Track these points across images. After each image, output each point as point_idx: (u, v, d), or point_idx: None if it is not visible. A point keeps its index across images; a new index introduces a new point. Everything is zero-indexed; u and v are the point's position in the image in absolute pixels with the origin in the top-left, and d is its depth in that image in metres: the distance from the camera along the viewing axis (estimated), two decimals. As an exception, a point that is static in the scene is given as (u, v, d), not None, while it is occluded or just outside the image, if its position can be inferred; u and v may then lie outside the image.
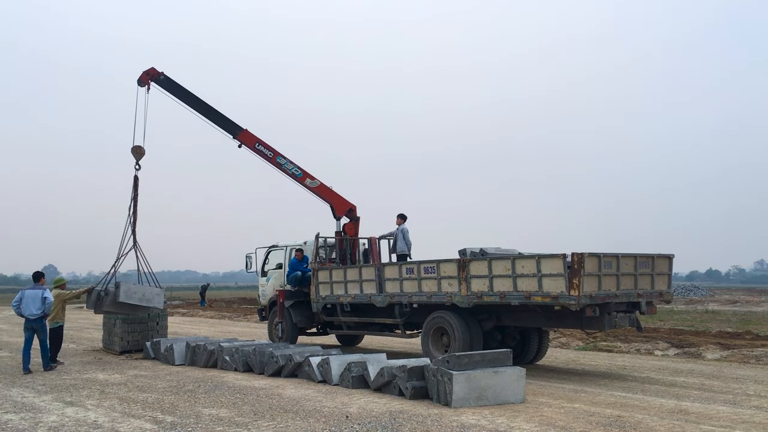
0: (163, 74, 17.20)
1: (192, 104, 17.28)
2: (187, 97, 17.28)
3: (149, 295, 15.22)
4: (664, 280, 11.53)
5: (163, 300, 15.79)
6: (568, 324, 11.66)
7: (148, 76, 17.15)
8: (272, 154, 16.93)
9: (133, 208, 16.31)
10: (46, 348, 12.89)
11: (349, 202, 16.63)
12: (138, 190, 16.47)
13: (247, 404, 8.78)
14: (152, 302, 15.29)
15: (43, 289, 12.95)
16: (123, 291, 14.65)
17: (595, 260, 10.12)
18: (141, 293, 15.07)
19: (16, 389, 10.38)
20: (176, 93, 17.29)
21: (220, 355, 12.64)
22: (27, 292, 12.82)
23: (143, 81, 17.13)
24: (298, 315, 15.63)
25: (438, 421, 7.56)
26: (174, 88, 17.28)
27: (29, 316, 12.63)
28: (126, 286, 14.95)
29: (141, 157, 16.67)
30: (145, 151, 16.69)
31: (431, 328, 12.35)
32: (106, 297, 14.84)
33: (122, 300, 14.59)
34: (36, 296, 12.71)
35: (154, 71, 17.20)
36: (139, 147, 16.65)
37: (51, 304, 12.97)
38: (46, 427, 7.61)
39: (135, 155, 16.66)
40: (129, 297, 14.73)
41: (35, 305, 12.65)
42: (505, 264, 10.85)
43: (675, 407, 8.56)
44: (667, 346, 15.32)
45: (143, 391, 10.06)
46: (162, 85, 17.22)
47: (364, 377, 9.98)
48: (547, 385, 10.29)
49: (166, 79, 17.23)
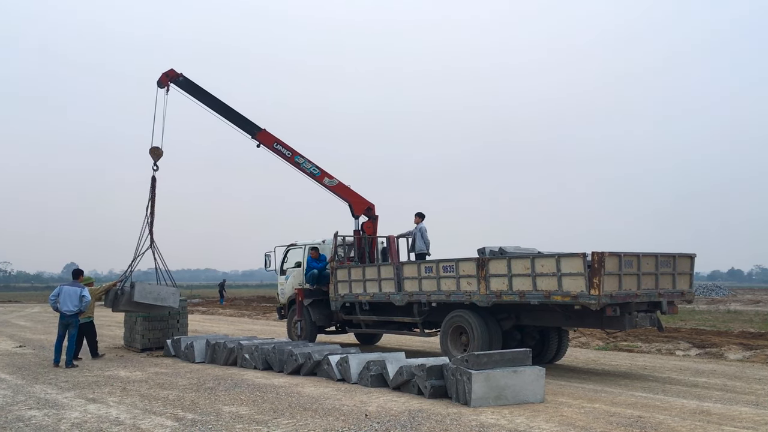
0: (182, 75, 17.30)
1: (211, 105, 17.37)
2: (206, 98, 17.37)
3: (164, 295, 15.36)
4: (686, 280, 11.42)
5: (178, 299, 15.89)
6: (588, 323, 11.58)
7: (168, 77, 17.25)
8: (290, 153, 16.98)
9: (150, 207, 16.47)
10: (74, 344, 13.17)
11: (367, 200, 16.64)
12: (155, 190, 16.65)
13: (267, 402, 8.83)
14: (167, 302, 15.42)
15: (81, 287, 13.32)
16: (138, 291, 14.85)
17: (616, 259, 10.05)
18: (156, 293, 15.24)
19: (39, 386, 10.51)
20: (195, 94, 17.38)
21: (239, 353, 12.72)
22: (65, 288, 13.16)
23: (162, 82, 17.23)
24: (317, 313, 15.68)
25: (457, 420, 7.55)
26: (193, 89, 17.38)
27: (66, 312, 13.01)
28: (141, 285, 15.15)
29: (159, 158, 16.84)
30: (163, 152, 16.86)
31: (450, 327, 12.33)
32: (122, 296, 15.05)
33: (137, 300, 14.79)
34: (74, 293, 13.08)
35: (174, 72, 17.30)
36: (156, 148, 16.81)
37: (88, 303, 13.34)
38: (69, 423, 7.70)
39: (153, 156, 16.83)
40: (144, 297, 14.91)
41: (72, 302, 13.02)
42: (524, 263, 10.81)
43: (697, 408, 8.47)
44: (688, 347, 15.17)
45: (164, 388, 10.14)
46: (181, 86, 17.32)
47: (383, 376, 9.99)
48: (566, 385, 10.24)
49: (186, 81, 17.32)
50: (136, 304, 14.96)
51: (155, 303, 15.17)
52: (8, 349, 16.34)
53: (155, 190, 16.63)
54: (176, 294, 15.75)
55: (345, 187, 16.70)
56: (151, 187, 16.62)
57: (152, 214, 16.44)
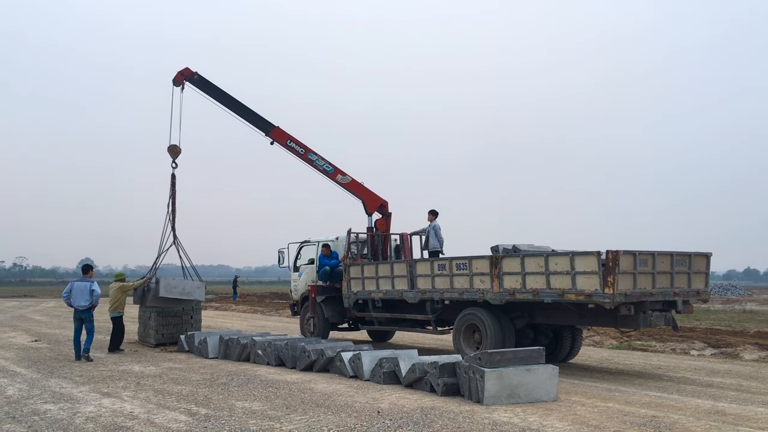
0: (197, 74, 17.47)
1: (225, 102, 17.52)
2: (221, 96, 17.53)
3: (189, 289, 15.64)
4: (701, 279, 11.33)
5: (203, 293, 16.25)
6: (602, 322, 11.51)
7: (183, 76, 17.45)
8: (304, 150, 17.02)
9: (171, 205, 16.71)
10: (92, 337, 13.53)
11: (380, 197, 16.64)
12: (176, 187, 16.89)
13: (280, 398, 8.85)
14: (193, 295, 15.72)
15: (91, 281, 13.58)
16: (163, 286, 15.14)
17: (630, 258, 9.98)
18: (181, 287, 15.51)
19: (54, 380, 10.60)
20: (210, 92, 17.54)
21: (252, 349, 12.76)
22: (76, 284, 13.48)
23: (178, 81, 17.44)
24: (329, 310, 15.71)
25: (470, 418, 7.54)
26: (208, 87, 17.53)
27: (78, 307, 13.35)
28: (165, 281, 15.40)
29: (177, 156, 17.07)
30: (181, 150, 17.08)
31: (463, 324, 12.30)
32: (148, 292, 15.38)
33: (162, 295, 15.08)
34: (85, 288, 13.38)
35: (189, 71, 17.47)
36: (174, 146, 17.04)
37: (98, 297, 13.55)
38: (84, 417, 7.76)
39: (171, 154, 17.05)
40: (169, 291, 15.20)
41: (84, 297, 13.32)
42: (538, 261, 10.76)
43: (711, 408, 8.41)
44: (703, 346, 15.06)
45: (178, 383, 10.20)
46: (196, 84, 17.51)
47: (395, 373, 9.99)
48: (580, 384, 10.19)
49: (200, 79, 17.51)
50: (163, 300, 15.26)
51: (181, 297, 15.45)
52: (24, 343, 16.49)
53: (175, 187, 16.90)
54: (201, 288, 16.05)
55: (358, 184, 16.70)
56: (171, 185, 16.92)
57: (173, 211, 16.73)
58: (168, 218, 16.64)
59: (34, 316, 28.06)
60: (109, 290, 15.24)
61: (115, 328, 14.70)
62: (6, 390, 9.59)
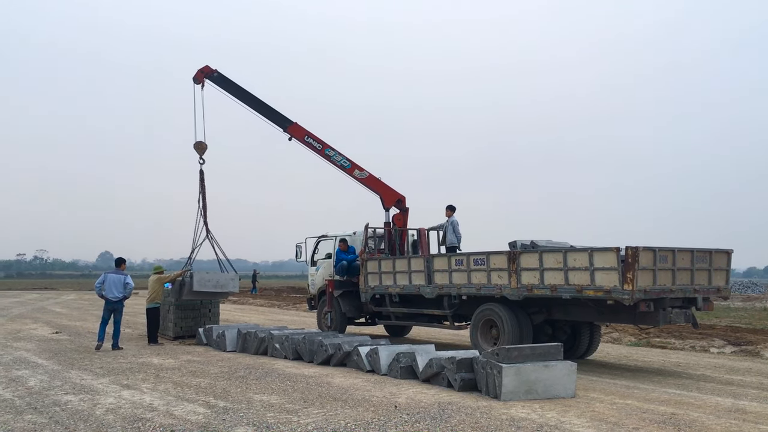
0: (216, 71, 17.67)
1: (244, 99, 17.67)
2: (240, 93, 17.70)
3: (223, 281, 15.85)
4: (722, 276, 11.22)
5: (237, 285, 16.44)
6: (620, 319, 11.44)
7: (203, 73, 17.67)
8: (321, 146, 17.08)
9: (202, 200, 16.96)
10: (119, 329, 13.96)
11: (398, 192, 16.63)
12: (205, 182, 17.18)
13: (297, 392, 8.89)
14: (227, 287, 15.93)
15: (125, 275, 14.05)
16: (196, 280, 15.38)
17: (650, 254, 9.90)
18: (215, 280, 15.72)
19: (75, 371, 10.72)
20: (229, 89, 17.69)
21: (270, 342, 12.82)
22: (110, 276, 13.89)
23: (198, 78, 17.66)
24: (347, 305, 15.75)
25: (487, 413, 7.53)
26: (227, 84, 17.68)
27: (111, 298, 13.76)
28: (199, 275, 15.66)
29: (203, 152, 17.37)
30: (207, 146, 17.34)
31: (480, 320, 12.27)
32: (184, 287, 15.62)
33: (196, 289, 15.31)
34: (119, 281, 13.83)
35: (208, 69, 17.66)
36: (200, 142, 17.33)
37: (132, 289, 14.06)
38: (104, 408, 7.84)
39: (197, 150, 17.33)
40: (203, 285, 15.44)
41: (117, 288, 13.77)
42: (556, 257, 10.71)
43: (732, 406, 8.33)
44: (723, 344, 14.91)
45: (196, 376, 10.28)
46: (216, 81, 17.71)
47: (412, 368, 9.99)
48: (598, 381, 10.14)
49: (220, 76, 17.70)
50: (198, 293, 15.49)
51: (215, 290, 15.65)
52: (45, 335, 16.70)
53: (204, 182, 17.19)
54: (235, 279, 16.26)
55: (375, 179, 16.71)
56: (200, 181, 17.20)
57: (204, 206, 16.98)
58: (199, 213, 16.93)
59: (55, 309, 28.39)
60: (148, 282, 15.64)
61: (150, 318, 14.93)
62: (28, 381, 9.72)
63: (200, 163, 17.30)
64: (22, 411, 7.67)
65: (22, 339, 15.69)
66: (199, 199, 17.05)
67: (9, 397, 8.47)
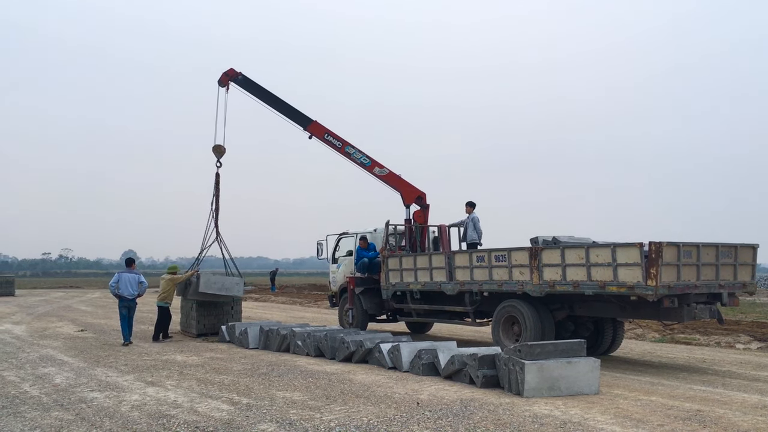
0: (241, 74, 17.77)
1: (266, 100, 17.72)
2: (263, 94, 17.76)
3: (229, 285, 15.96)
4: (748, 271, 11.06)
5: (242, 289, 16.60)
6: (644, 315, 11.34)
7: (228, 76, 17.76)
8: (341, 144, 17.11)
9: (215, 203, 17.05)
10: (131, 324, 14.40)
11: (418, 189, 16.61)
12: (219, 186, 17.28)
13: (320, 388, 8.92)
14: (232, 291, 16.04)
15: (138, 273, 14.59)
16: (203, 281, 15.47)
17: (674, 249, 9.79)
18: (221, 283, 15.84)
19: (100, 369, 10.85)
20: (253, 91, 17.78)
21: (292, 339, 12.88)
22: (123, 276, 14.37)
23: (223, 81, 17.79)
24: (368, 302, 15.77)
25: (510, 410, 7.50)
26: (251, 86, 17.77)
27: (127, 296, 14.23)
28: (206, 276, 15.77)
29: (222, 155, 17.44)
30: (225, 149, 17.46)
31: (502, 316, 12.23)
32: (190, 286, 15.79)
33: (202, 290, 15.43)
34: (133, 279, 14.35)
35: (233, 72, 17.79)
36: (219, 146, 17.46)
37: (146, 288, 14.65)
38: (129, 405, 7.92)
39: (216, 154, 17.46)
40: (209, 287, 15.54)
41: (132, 287, 14.28)
42: (578, 253, 10.63)
43: (758, 402, 8.22)
44: (749, 340, 14.71)
45: (220, 373, 10.35)
46: (240, 84, 17.81)
47: (434, 365, 9.98)
48: (622, 377, 10.05)
49: (244, 79, 17.77)
50: (203, 294, 15.61)
51: (220, 293, 15.79)
52: (71, 333, 16.92)
53: (219, 185, 17.30)
54: (240, 284, 16.39)
55: (395, 176, 16.70)
56: (215, 183, 17.33)
57: (217, 208, 17.10)
58: (211, 215, 17.05)
59: (80, 307, 28.76)
60: (160, 281, 15.95)
61: (160, 316, 15.25)
62: (54, 378, 9.85)
63: (217, 167, 17.40)
64: (48, 408, 7.78)
65: (48, 337, 15.91)
66: (212, 201, 17.20)
67: (36, 394, 8.59)
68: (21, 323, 19.99)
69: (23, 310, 25.95)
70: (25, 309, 26.86)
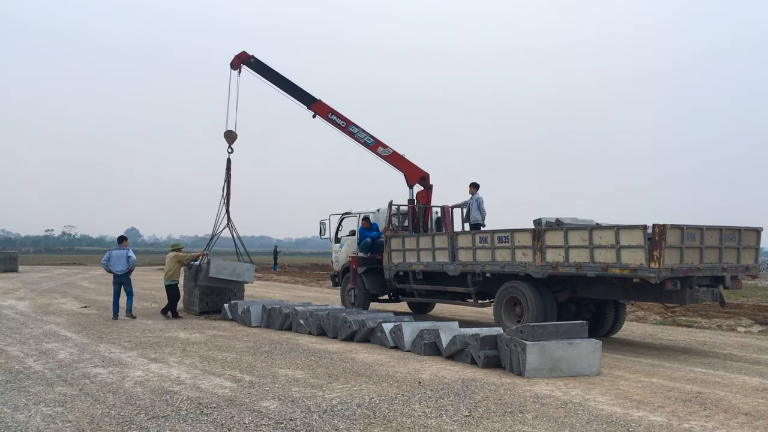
0: (253, 57, 17.65)
1: (276, 82, 17.61)
2: (273, 77, 17.63)
3: (239, 270, 16.07)
4: (751, 254, 11.05)
5: (253, 274, 16.65)
6: (646, 297, 11.34)
7: (240, 59, 17.62)
8: (345, 123, 17.03)
9: (226, 189, 17.08)
10: (131, 298, 14.97)
11: (422, 170, 16.56)
12: (230, 172, 17.27)
13: (322, 367, 8.96)
14: (243, 277, 16.16)
15: (127, 249, 14.97)
16: (213, 267, 15.59)
17: (678, 232, 9.77)
18: (231, 268, 15.94)
19: (103, 345, 10.91)
20: (265, 74, 17.68)
21: (294, 318, 12.92)
22: (114, 252, 14.86)
23: (235, 65, 17.66)
24: (370, 281, 15.80)
25: (511, 390, 7.53)
26: (263, 69, 17.67)
27: (118, 272, 14.76)
28: (216, 262, 15.87)
29: (233, 141, 17.40)
30: (236, 135, 17.40)
31: (504, 297, 12.25)
32: (200, 272, 15.85)
33: (213, 275, 15.53)
34: (122, 255, 14.78)
35: (246, 55, 17.68)
36: (231, 131, 17.41)
37: (134, 262, 15.01)
38: (133, 381, 7.97)
39: (227, 139, 17.40)
40: (219, 272, 15.66)
41: (121, 263, 14.76)
42: (581, 234, 10.62)
43: (759, 385, 8.24)
44: (750, 323, 14.74)
45: (222, 350, 10.40)
46: (252, 67, 17.69)
47: (436, 345, 10.02)
48: (623, 359, 10.08)
49: (256, 62, 17.67)
50: (214, 279, 15.68)
51: (231, 278, 15.86)
52: (74, 309, 16.99)
53: (230, 171, 17.29)
54: (251, 269, 16.48)
55: (399, 156, 16.64)
56: (226, 169, 17.30)
57: (228, 194, 17.10)
58: (222, 201, 17.07)
59: (83, 283, 28.87)
60: (165, 259, 16.03)
61: (169, 295, 15.37)
62: (58, 354, 9.91)
63: (228, 152, 17.33)
64: (52, 383, 7.83)
65: (52, 313, 15.99)
66: (223, 187, 17.19)
67: (40, 370, 8.65)
68: (24, 299, 20.08)
69: (27, 286, 26.06)
70: (28, 285, 26.98)
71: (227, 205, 17.08)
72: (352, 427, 5.96)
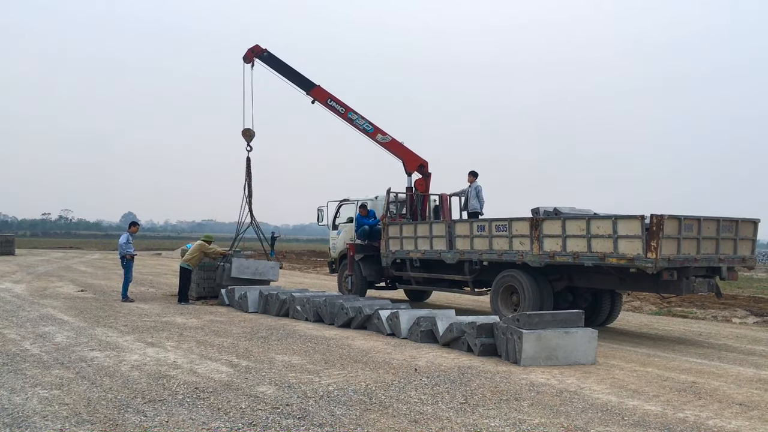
0: (266, 50, 17.52)
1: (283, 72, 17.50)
2: (285, 70, 17.56)
3: (263, 269, 16.14)
4: (748, 246, 11.07)
5: (278, 272, 16.68)
6: (643, 287, 11.38)
7: (253, 53, 17.52)
8: (344, 109, 16.97)
9: (248, 188, 17.03)
10: (125, 283, 15.37)
11: (420, 157, 16.52)
12: (251, 170, 17.19)
13: (318, 353, 8.98)
14: (266, 275, 16.22)
15: (124, 234, 15.49)
16: (235, 267, 15.65)
17: (675, 222, 9.78)
18: (254, 267, 15.98)
19: (100, 329, 10.92)
20: (277, 67, 17.59)
21: (291, 304, 12.94)
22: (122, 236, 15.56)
23: (248, 58, 17.55)
24: (367, 269, 15.81)
25: (507, 378, 7.56)
26: (275, 62, 17.60)
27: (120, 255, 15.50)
28: (238, 261, 15.89)
29: (251, 139, 17.34)
30: (254, 133, 17.37)
31: (501, 286, 12.27)
32: (224, 272, 15.86)
33: (234, 275, 15.56)
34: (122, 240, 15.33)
35: (259, 48, 17.57)
36: (249, 129, 17.35)
37: (123, 248, 15.32)
38: (129, 365, 7.98)
39: (245, 138, 17.31)
40: (241, 272, 15.70)
41: (120, 247, 15.47)
42: (579, 224, 10.63)
43: (753, 376, 8.28)
44: (745, 314, 14.80)
45: (219, 335, 10.42)
46: (265, 60, 17.58)
47: (432, 332, 10.04)
48: (618, 348, 10.12)
49: (269, 55, 17.58)
50: (237, 279, 15.65)
51: (254, 277, 15.87)
52: (71, 293, 17.00)
53: (251, 169, 17.22)
54: (276, 267, 16.55)
55: (398, 143, 16.61)
56: (246, 168, 17.23)
57: (250, 193, 17.08)
58: (245, 200, 17.02)
59: (80, 267, 28.88)
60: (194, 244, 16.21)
61: (180, 278, 15.47)
62: (54, 337, 9.92)
63: (247, 150, 17.24)
64: (49, 366, 7.84)
65: (49, 296, 15.99)
66: (244, 186, 17.13)
67: (37, 353, 8.66)
68: (21, 282, 20.09)
69: (23, 270, 26.06)
70: (25, 268, 26.98)
71: (250, 203, 17.08)
72: (348, 412, 5.98)
